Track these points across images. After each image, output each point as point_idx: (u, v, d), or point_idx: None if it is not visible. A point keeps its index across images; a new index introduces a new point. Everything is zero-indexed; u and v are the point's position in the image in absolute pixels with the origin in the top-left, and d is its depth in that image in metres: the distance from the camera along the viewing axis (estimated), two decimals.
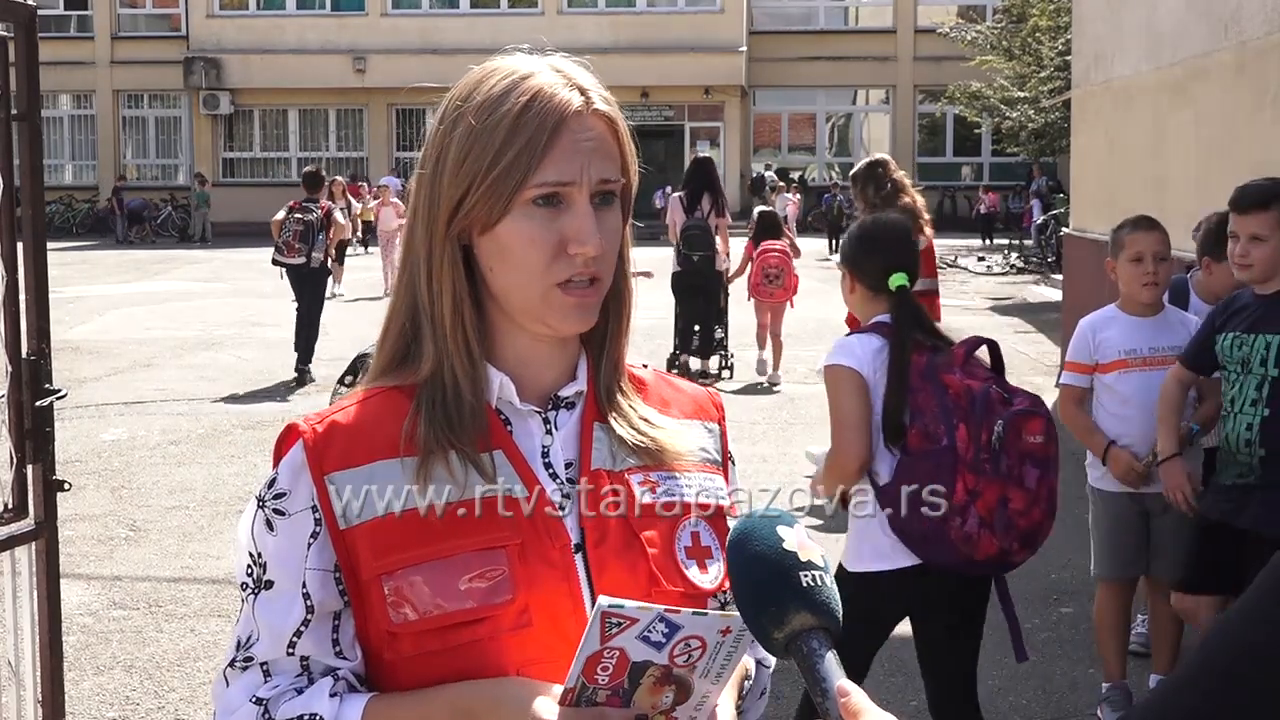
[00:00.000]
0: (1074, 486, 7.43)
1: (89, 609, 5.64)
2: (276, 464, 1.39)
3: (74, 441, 8.61)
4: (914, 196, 7.65)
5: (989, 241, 27.84)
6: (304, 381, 11.32)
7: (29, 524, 3.20)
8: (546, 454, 1.41)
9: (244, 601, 1.39)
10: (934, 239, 7.55)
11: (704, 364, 11.54)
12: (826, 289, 15.77)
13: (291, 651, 1.36)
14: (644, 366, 1.55)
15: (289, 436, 1.39)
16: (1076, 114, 12.13)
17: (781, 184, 29.10)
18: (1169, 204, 7.79)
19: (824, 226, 28.04)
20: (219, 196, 32.47)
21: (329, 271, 12.56)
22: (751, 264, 11.08)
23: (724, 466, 1.53)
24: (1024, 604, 5.62)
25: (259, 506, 1.38)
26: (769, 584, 1.19)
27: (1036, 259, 23.13)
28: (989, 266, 22.95)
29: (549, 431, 1.42)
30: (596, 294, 1.38)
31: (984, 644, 5.13)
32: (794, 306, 11.60)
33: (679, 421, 1.50)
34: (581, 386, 1.45)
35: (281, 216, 11.79)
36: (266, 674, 1.37)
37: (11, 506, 3.16)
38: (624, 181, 1.40)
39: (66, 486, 3.28)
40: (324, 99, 34.37)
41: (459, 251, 1.38)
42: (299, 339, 11.59)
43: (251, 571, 1.38)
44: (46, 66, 3.63)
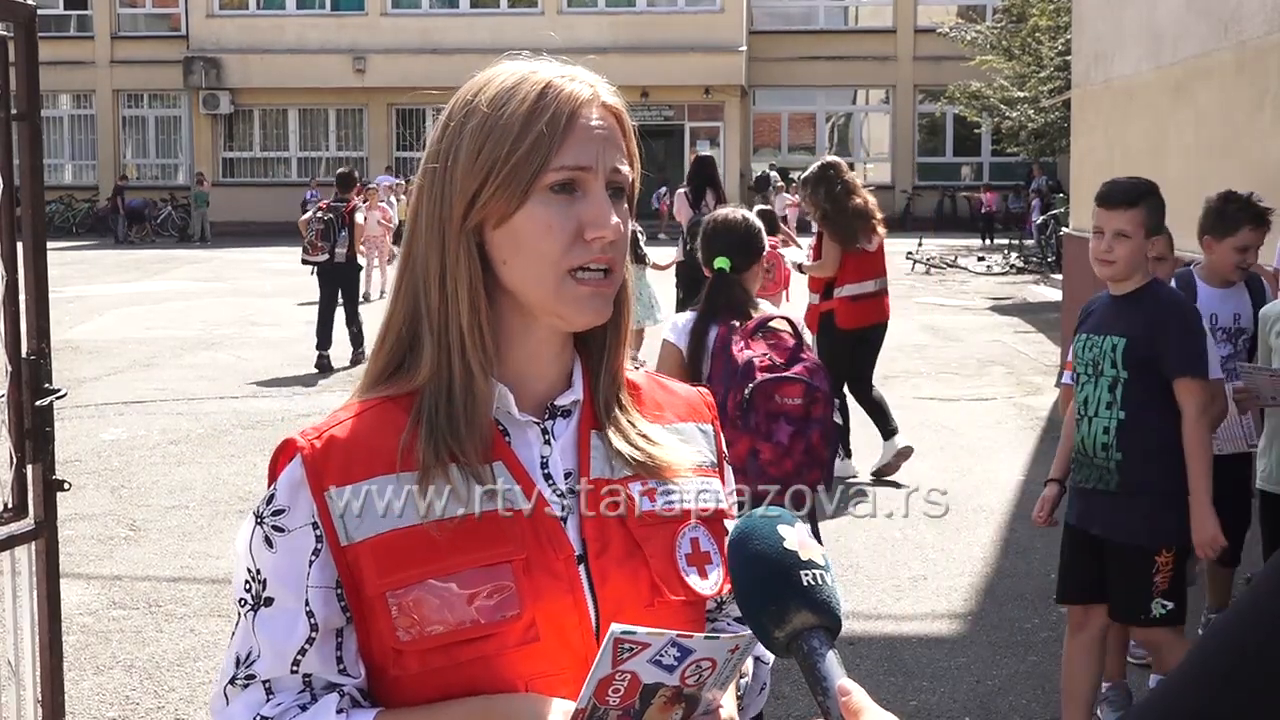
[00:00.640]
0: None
1: (89, 609, 5.64)
2: (273, 479, 1.36)
3: (74, 441, 8.61)
4: (865, 198, 7.75)
5: (989, 241, 27.83)
6: (326, 370, 11.83)
7: (29, 524, 3.20)
8: (546, 464, 1.40)
9: (241, 618, 1.36)
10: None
11: None
12: None
13: (296, 670, 1.34)
14: (636, 368, 1.53)
15: (286, 451, 1.36)
16: (1076, 114, 12.13)
17: (782, 184, 29.09)
18: (1169, 204, 7.78)
19: None
20: (219, 196, 32.48)
21: (359, 266, 13.01)
22: None
23: (720, 468, 1.52)
24: (1024, 604, 5.62)
25: (257, 523, 1.35)
26: (770, 583, 1.19)
27: (1036, 259, 23.12)
28: (989, 266, 22.93)
29: (547, 442, 1.41)
30: (611, 285, 1.37)
31: (983, 644, 5.16)
32: (789, 299, 11.66)
33: (675, 431, 1.49)
34: (578, 395, 1.43)
35: (308, 216, 12.51)
36: (269, 692, 1.34)
37: (11, 506, 3.16)
38: (631, 177, 1.40)
39: (66, 486, 3.28)
40: (324, 99, 34.36)
41: (475, 247, 1.35)
42: (321, 332, 12.00)
43: (250, 588, 1.35)
44: (46, 66, 3.63)
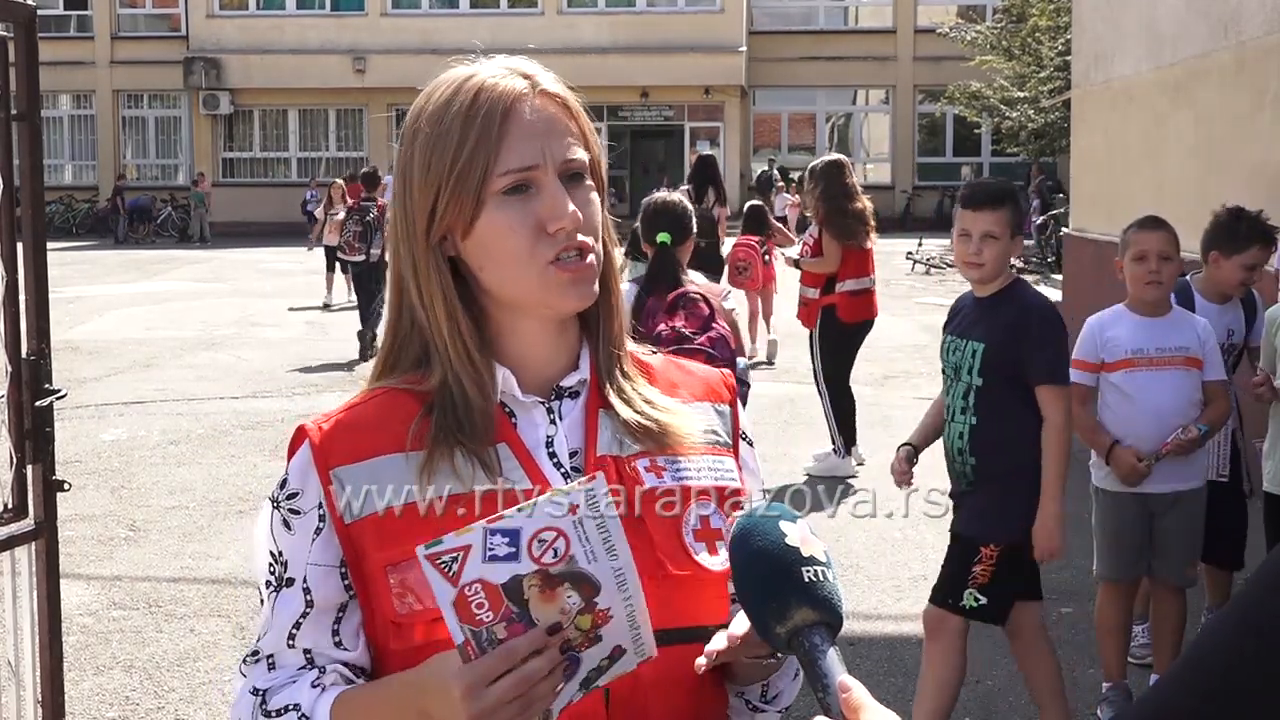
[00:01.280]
0: (1072, 486, 7.42)
1: (89, 609, 5.64)
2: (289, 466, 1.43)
3: (74, 441, 8.61)
4: (864, 204, 7.95)
5: None
6: (367, 356, 12.32)
7: (29, 524, 3.20)
8: (550, 444, 1.42)
9: (264, 601, 1.43)
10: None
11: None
12: None
13: (292, 644, 1.40)
14: (653, 352, 1.56)
15: (297, 438, 1.42)
16: (1076, 114, 12.13)
17: (782, 184, 29.08)
18: (1168, 204, 7.79)
19: None
20: (219, 196, 32.47)
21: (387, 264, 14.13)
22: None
23: (735, 448, 1.53)
24: None
25: (274, 507, 1.42)
26: (771, 579, 1.19)
27: (1036, 259, 23.11)
28: None
29: (553, 421, 1.43)
30: (589, 267, 1.39)
31: (984, 644, 5.16)
32: (777, 292, 12.92)
33: (686, 404, 1.49)
34: (584, 375, 1.46)
35: (342, 217, 13.93)
36: (271, 666, 1.42)
37: (11, 506, 3.16)
38: (590, 157, 1.41)
39: (66, 486, 3.28)
40: (324, 99, 34.35)
41: (444, 261, 1.40)
42: (365, 327, 12.71)
43: (274, 570, 1.42)
44: (46, 66, 3.63)
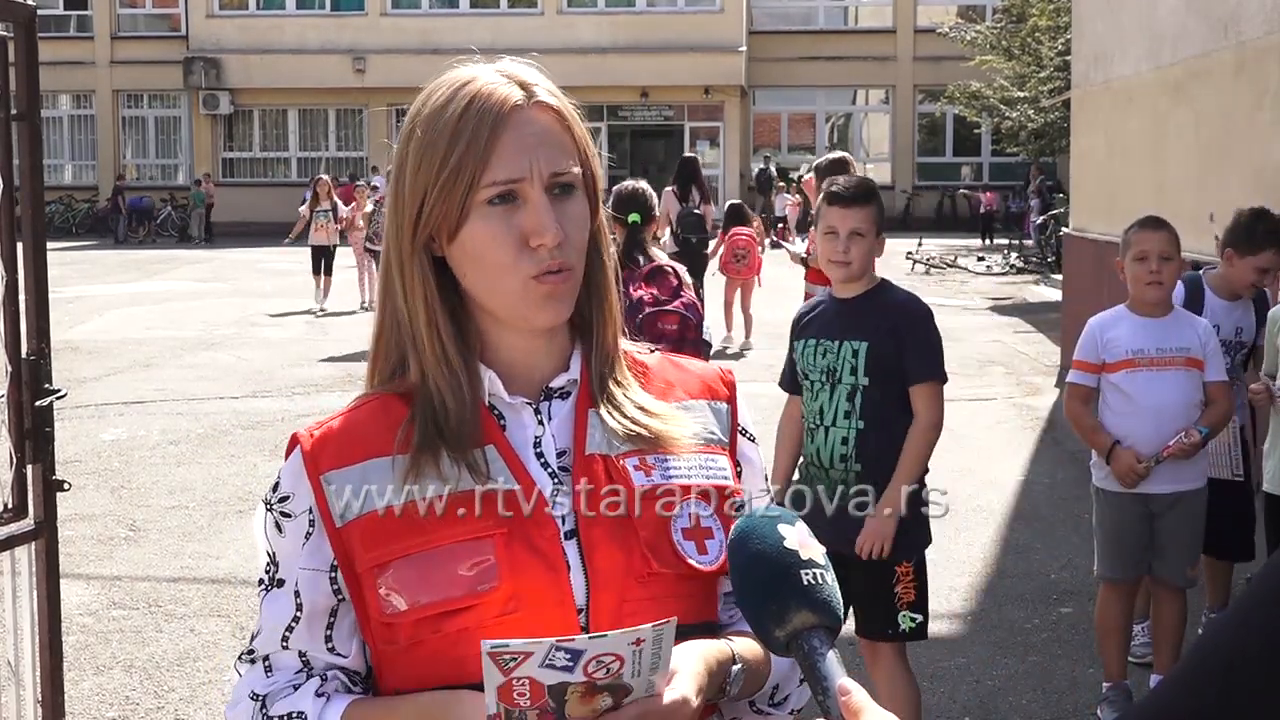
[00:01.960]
0: (1073, 486, 7.43)
1: (89, 609, 5.64)
2: None
3: (74, 441, 8.61)
4: None
5: (989, 241, 27.82)
6: None
7: (29, 524, 3.20)
8: (538, 444, 1.42)
9: (259, 598, 1.45)
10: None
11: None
12: None
13: (286, 646, 1.42)
14: (650, 351, 1.55)
15: (291, 444, 1.44)
16: (1076, 114, 12.13)
17: (782, 184, 29.08)
18: (1169, 204, 7.79)
19: None
20: (219, 196, 32.46)
21: None
22: (724, 246, 13.07)
23: (733, 443, 1.52)
24: (1024, 604, 5.62)
25: (268, 510, 1.43)
26: (770, 582, 1.19)
27: (1036, 259, 23.11)
28: (989, 266, 22.92)
29: (541, 422, 1.43)
30: (568, 282, 1.39)
31: (983, 644, 5.16)
32: (761, 285, 13.35)
33: (678, 406, 1.49)
34: (574, 376, 1.46)
35: (370, 210, 14.88)
36: (268, 669, 1.43)
37: (11, 506, 3.16)
38: (581, 171, 1.41)
39: (66, 486, 3.28)
40: (324, 99, 34.34)
41: (429, 262, 1.41)
42: None
43: (269, 570, 1.44)
44: (46, 66, 3.63)
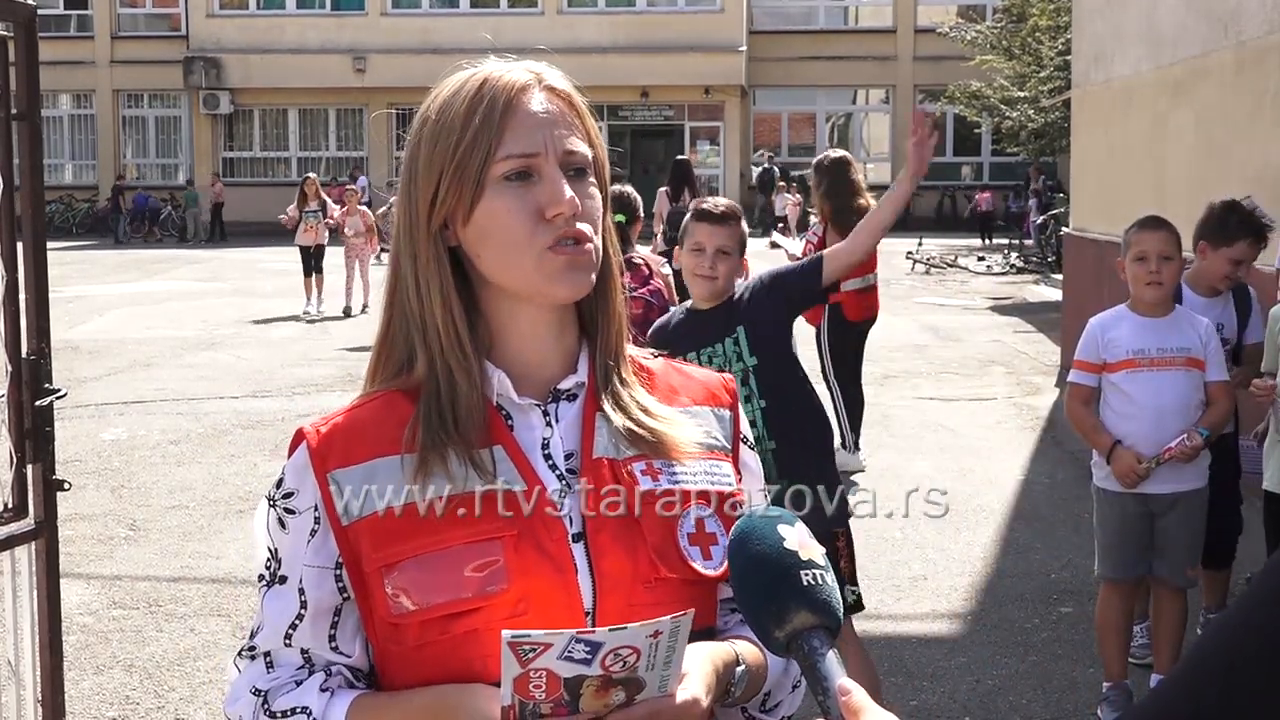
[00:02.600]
0: (1072, 486, 7.43)
1: (89, 609, 5.64)
2: None
3: (74, 441, 8.61)
4: (869, 201, 8.04)
5: (989, 241, 27.83)
6: None
7: (29, 524, 3.19)
8: (546, 446, 1.42)
9: (259, 594, 1.45)
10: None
11: None
12: None
13: (289, 643, 1.41)
14: (654, 356, 1.56)
15: (296, 440, 1.43)
16: (1076, 114, 12.12)
17: (782, 183, 29.08)
18: (1169, 204, 7.79)
19: None
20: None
21: None
22: None
23: (735, 451, 1.53)
24: (1024, 604, 5.62)
25: (271, 505, 1.43)
26: (770, 583, 1.19)
27: (1036, 259, 23.12)
28: (989, 266, 22.93)
29: (549, 424, 1.43)
30: (586, 254, 1.39)
31: (983, 644, 5.16)
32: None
33: (683, 410, 1.50)
34: (582, 378, 1.46)
35: (385, 210, 15.48)
36: (269, 665, 1.43)
37: (11, 506, 3.16)
38: (592, 154, 1.43)
39: (66, 486, 3.28)
40: (324, 99, 34.34)
41: (444, 249, 1.42)
42: None
43: (270, 566, 1.43)
44: (46, 66, 3.63)
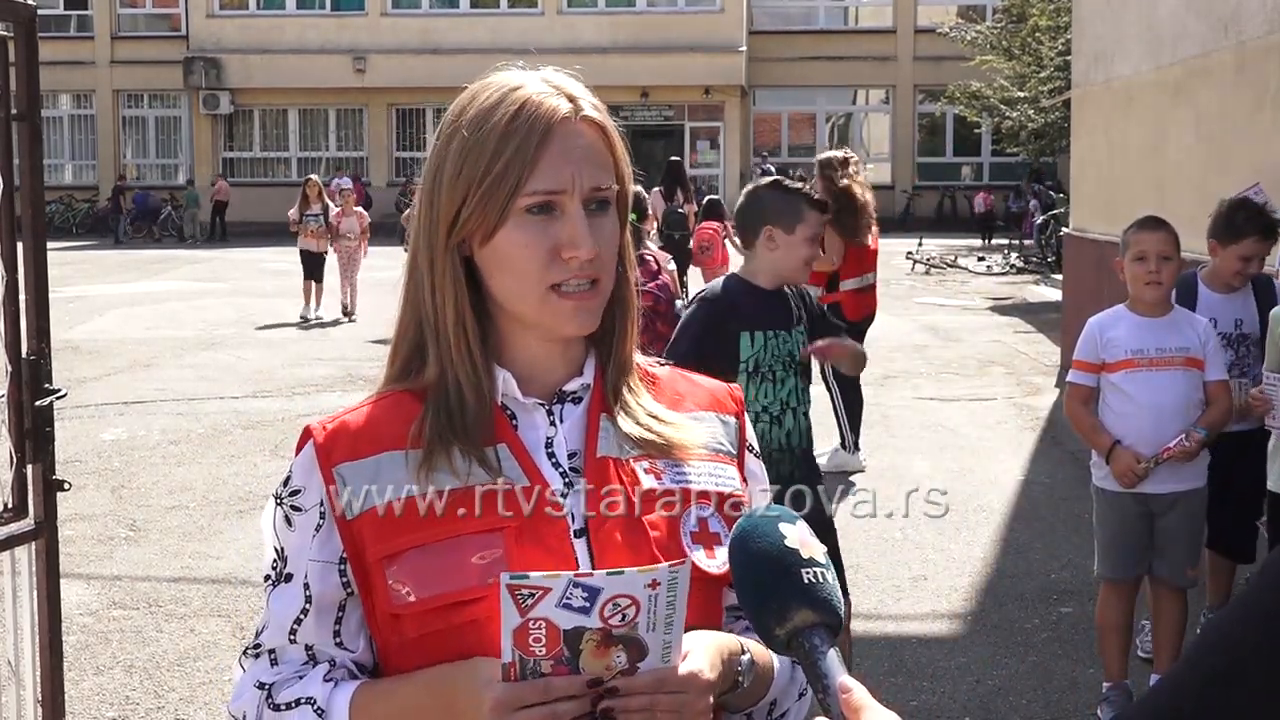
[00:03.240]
0: (1072, 486, 7.43)
1: (89, 609, 5.64)
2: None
3: (74, 441, 8.60)
4: (869, 199, 8.01)
5: (989, 241, 27.83)
6: None
7: (29, 524, 3.19)
8: (550, 445, 1.44)
9: (265, 594, 1.46)
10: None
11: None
12: None
13: (293, 639, 1.43)
14: (660, 364, 1.58)
15: (303, 437, 1.45)
16: (1076, 114, 12.13)
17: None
18: (1169, 204, 7.79)
19: None
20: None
21: None
22: (693, 239, 13.83)
23: (741, 457, 1.54)
24: (1024, 604, 5.62)
25: (278, 504, 1.44)
26: (771, 581, 1.20)
27: (1036, 259, 23.12)
28: (989, 266, 22.93)
29: (554, 424, 1.45)
30: (597, 297, 1.41)
31: (983, 644, 5.16)
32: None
33: (689, 416, 1.51)
34: (588, 380, 1.47)
35: (408, 213, 14.50)
36: (274, 661, 1.44)
37: (11, 506, 3.16)
38: (618, 189, 1.43)
39: (66, 486, 3.28)
40: (324, 99, 34.35)
41: (460, 263, 1.42)
42: None
43: (276, 565, 1.45)
44: (46, 66, 3.63)
